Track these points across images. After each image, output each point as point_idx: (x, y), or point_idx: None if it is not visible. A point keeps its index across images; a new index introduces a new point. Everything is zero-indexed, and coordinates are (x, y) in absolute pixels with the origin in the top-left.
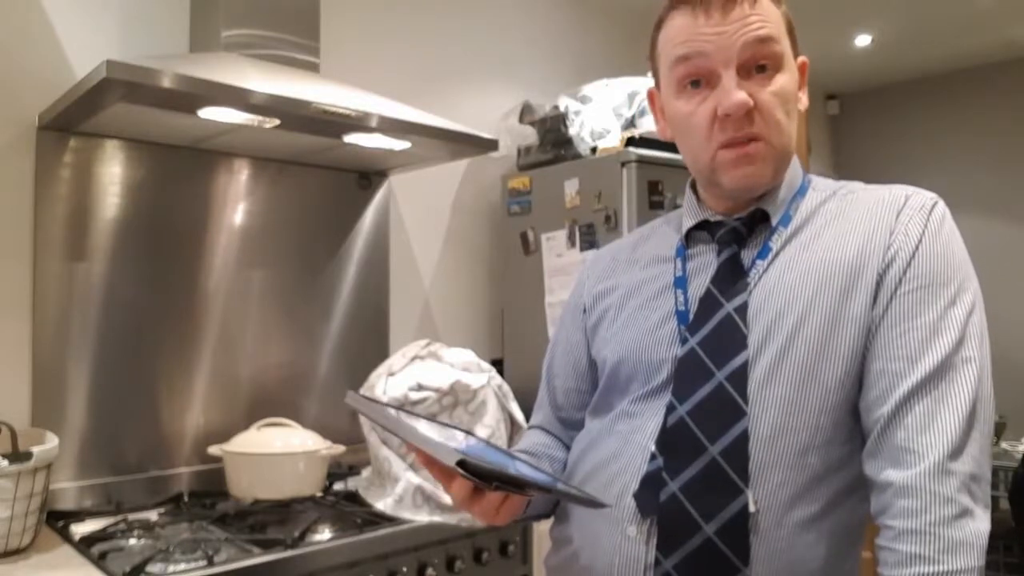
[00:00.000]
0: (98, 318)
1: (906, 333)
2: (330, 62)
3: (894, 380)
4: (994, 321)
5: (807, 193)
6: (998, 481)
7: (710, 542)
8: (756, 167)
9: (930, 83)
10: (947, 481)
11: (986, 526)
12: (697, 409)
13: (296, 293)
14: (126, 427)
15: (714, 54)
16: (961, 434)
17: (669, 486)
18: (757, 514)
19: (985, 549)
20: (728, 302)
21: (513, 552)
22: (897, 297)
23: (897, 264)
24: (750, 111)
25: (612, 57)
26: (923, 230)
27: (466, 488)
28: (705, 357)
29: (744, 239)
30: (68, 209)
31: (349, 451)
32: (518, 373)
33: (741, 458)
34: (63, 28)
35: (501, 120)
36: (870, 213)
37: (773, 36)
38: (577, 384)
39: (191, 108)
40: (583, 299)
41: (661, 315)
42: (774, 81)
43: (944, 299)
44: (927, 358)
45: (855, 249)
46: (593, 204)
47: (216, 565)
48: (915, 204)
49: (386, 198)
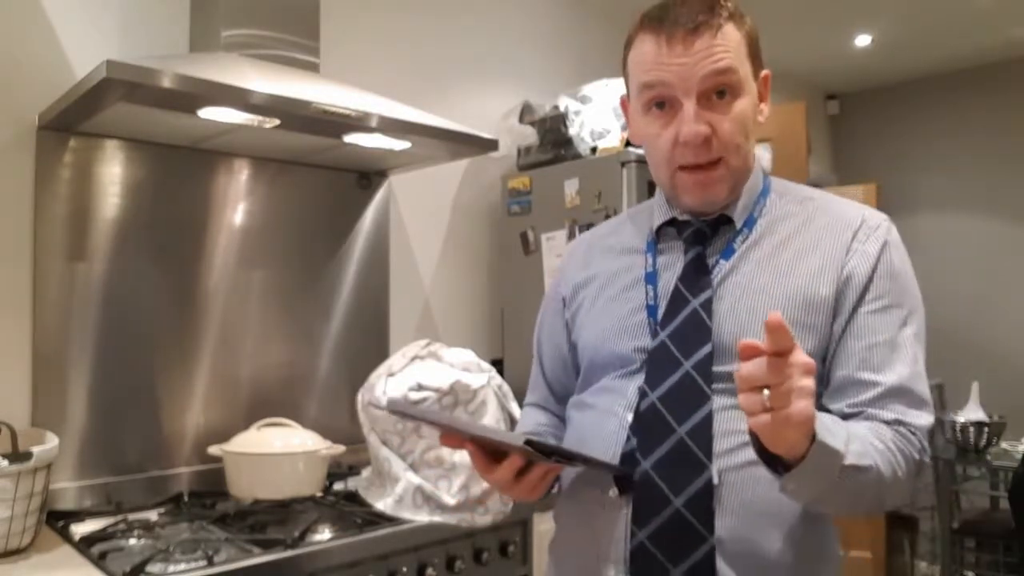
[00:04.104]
0: (98, 318)
1: (871, 348)
2: (330, 62)
3: (861, 388)
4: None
5: (768, 195)
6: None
7: (679, 514)
8: (714, 189)
9: (930, 83)
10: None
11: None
12: (666, 395)
13: (296, 293)
14: (126, 427)
15: (676, 84)
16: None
17: (642, 464)
18: (721, 487)
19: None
20: (694, 298)
21: (513, 552)
22: (859, 315)
23: (855, 282)
24: (708, 138)
25: (612, 57)
26: (879, 252)
27: (515, 470)
28: (674, 348)
29: (708, 239)
30: (68, 209)
31: (349, 451)
32: (518, 373)
33: (705, 437)
34: (63, 28)
35: (501, 120)
36: (829, 230)
37: (732, 67)
38: (563, 365)
39: (191, 108)
40: (563, 290)
41: (632, 307)
42: (732, 108)
43: (899, 319)
44: (890, 372)
45: (816, 265)
46: (593, 204)
47: (216, 565)
48: (871, 225)
49: (386, 198)
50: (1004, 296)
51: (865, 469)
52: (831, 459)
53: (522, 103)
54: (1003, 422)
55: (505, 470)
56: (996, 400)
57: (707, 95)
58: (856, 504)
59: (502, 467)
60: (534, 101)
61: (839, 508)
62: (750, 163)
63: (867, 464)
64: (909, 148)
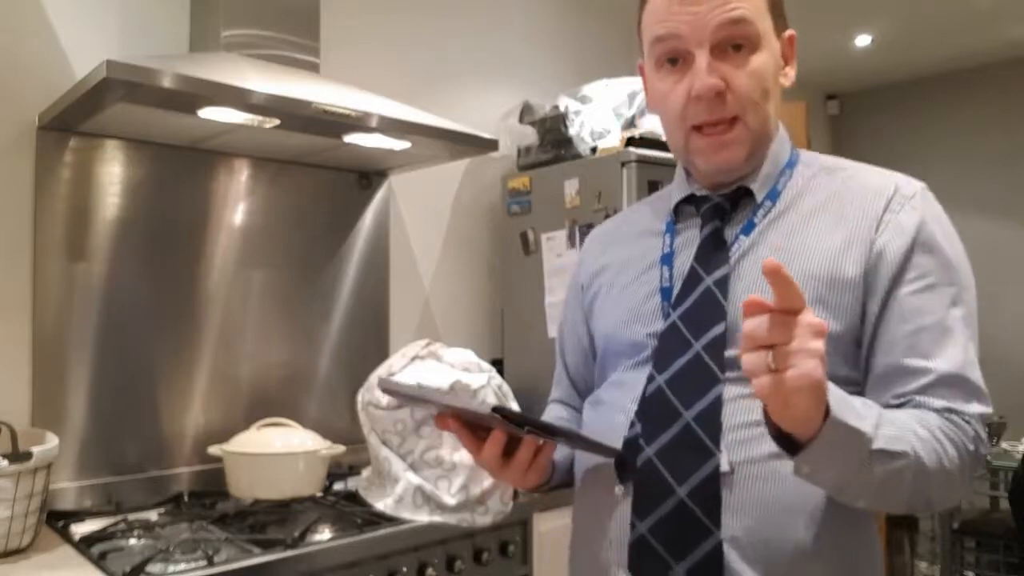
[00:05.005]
0: (98, 318)
1: (917, 332)
2: (330, 62)
3: (909, 376)
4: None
5: (796, 167)
6: (998, 481)
7: (683, 504)
8: (730, 151)
9: (930, 83)
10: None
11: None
12: (674, 378)
13: (296, 293)
14: (126, 427)
15: (688, 35)
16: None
17: (645, 451)
18: (733, 480)
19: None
20: (708, 276)
21: (513, 552)
22: (901, 296)
23: (889, 258)
24: (722, 93)
25: (612, 57)
26: (917, 224)
27: (498, 447)
28: (684, 329)
29: (727, 214)
30: (68, 209)
31: (349, 451)
32: (518, 373)
33: (713, 422)
34: (63, 28)
35: (501, 120)
36: (857, 202)
37: (747, 17)
38: (585, 359)
39: (191, 108)
40: (581, 279)
41: (647, 291)
42: (750, 61)
43: (948, 298)
44: (940, 359)
45: (842, 240)
46: (593, 204)
47: (216, 565)
48: (906, 194)
49: (386, 198)
50: (1004, 296)
51: (899, 455)
52: (854, 441)
53: (522, 103)
54: (1003, 422)
55: (489, 447)
56: (996, 400)
57: (722, 47)
58: (892, 497)
59: (486, 444)
60: (534, 101)
61: (873, 501)
62: (771, 128)
63: (901, 450)
64: (909, 148)
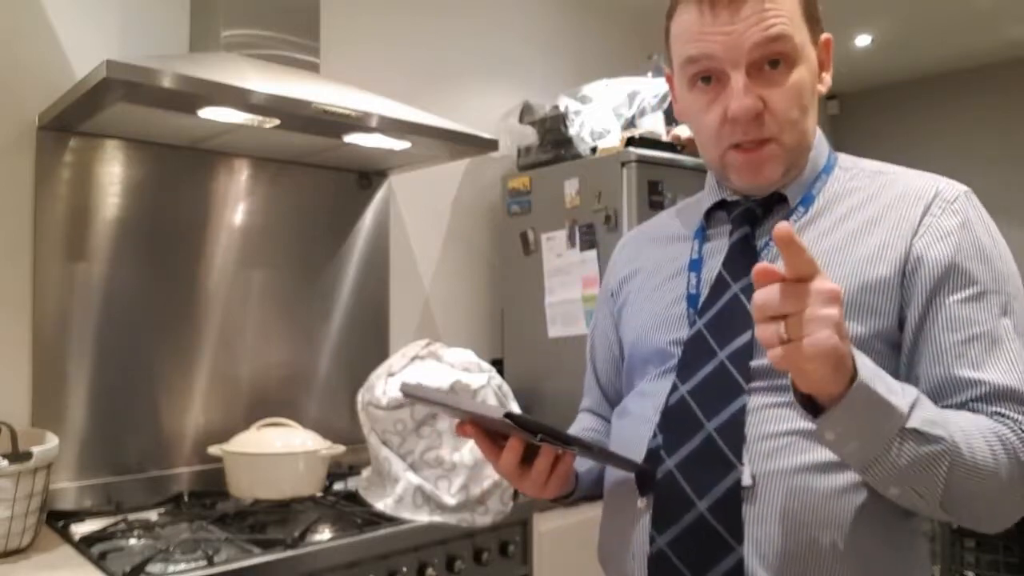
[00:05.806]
0: (98, 318)
1: (968, 342)
2: (330, 62)
3: (961, 387)
4: None
5: (833, 172)
6: None
7: (703, 519)
8: (767, 170)
9: (930, 83)
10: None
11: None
12: (698, 388)
13: (296, 293)
14: (126, 427)
15: (722, 55)
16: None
17: (666, 463)
18: (756, 493)
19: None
20: (735, 283)
21: (513, 552)
22: (949, 305)
23: (930, 264)
24: (760, 114)
25: (612, 57)
26: (960, 229)
27: (515, 455)
28: (710, 338)
29: (759, 220)
30: (68, 209)
31: (349, 451)
32: (518, 373)
33: (736, 433)
34: (63, 28)
35: (501, 120)
36: (896, 205)
37: (785, 33)
38: (615, 366)
39: (191, 108)
40: (610, 285)
41: (673, 297)
42: (788, 79)
43: (998, 307)
44: (993, 370)
45: (877, 243)
46: (593, 204)
47: (216, 565)
48: (947, 197)
49: (386, 198)
50: None
51: (934, 440)
52: (882, 412)
53: (522, 103)
54: None
55: (507, 454)
56: None
57: (758, 66)
58: (925, 488)
59: (504, 452)
60: (534, 101)
61: (904, 491)
62: (808, 140)
63: (938, 435)
64: (909, 148)
